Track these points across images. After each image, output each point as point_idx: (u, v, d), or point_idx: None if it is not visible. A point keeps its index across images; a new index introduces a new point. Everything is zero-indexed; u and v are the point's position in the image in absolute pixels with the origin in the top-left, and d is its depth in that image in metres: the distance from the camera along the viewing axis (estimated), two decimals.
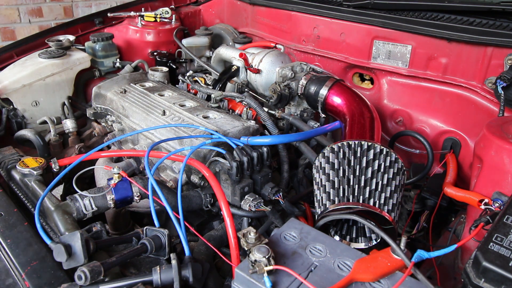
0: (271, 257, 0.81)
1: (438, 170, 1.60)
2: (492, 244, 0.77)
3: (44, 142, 1.65)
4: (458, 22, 1.56)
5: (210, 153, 1.30)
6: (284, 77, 1.60)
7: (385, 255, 0.85)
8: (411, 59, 1.66)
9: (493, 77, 1.44)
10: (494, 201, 1.07)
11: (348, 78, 1.90)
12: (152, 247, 0.98)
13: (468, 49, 1.51)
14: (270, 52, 1.73)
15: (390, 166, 1.14)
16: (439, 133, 1.66)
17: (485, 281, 0.73)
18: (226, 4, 2.44)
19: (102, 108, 1.71)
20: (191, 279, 0.88)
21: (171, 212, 1.02)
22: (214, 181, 1.10)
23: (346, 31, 1.82)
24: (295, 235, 0.92)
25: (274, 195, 1.23)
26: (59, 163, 1.31)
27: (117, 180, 1.14)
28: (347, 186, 1.09)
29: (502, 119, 1.27)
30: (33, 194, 1.23)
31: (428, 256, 0.82)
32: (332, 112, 1.57)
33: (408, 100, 1.73)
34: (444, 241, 1.35)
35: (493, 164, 1.12)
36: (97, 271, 0.85)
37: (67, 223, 1.05)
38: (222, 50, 1.94)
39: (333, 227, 1.15)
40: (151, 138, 1.50)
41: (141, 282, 0.88)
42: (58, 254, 0.90)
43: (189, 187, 1.39)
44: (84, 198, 1.12)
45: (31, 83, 1.86)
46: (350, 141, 1.18)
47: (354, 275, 0.82)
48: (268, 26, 2.17)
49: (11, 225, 1.07)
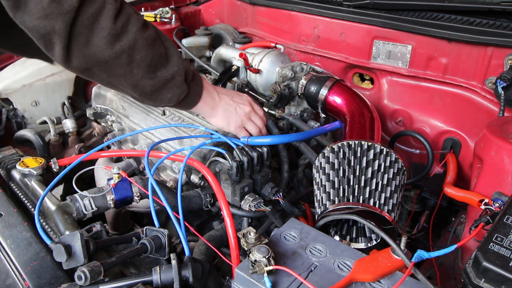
0: (271, 257, 0.81)
1: (438, 170, 1.60)
2: (492, 244, 0.77)
3: (44, 142, 1.65)
4: (458, 22, 1.56)
5: (210, 153, 1.30)
6: (284, 77, 1.60)
7: (385, 255, 0.85)
8: (411, 59, 1.65)
9: (493, 77, 1.44)
10: (494, 201, 1.07)
11: (348, 78, 1.90)
12: (152, 247, 0.98)
13: (468, 49, 1.51)
14: (270, 52, 1.73)
15: (390, 166, 1.14)
16: (439, 133, 1.66)
17: (485, 281, 0.73)
18: (226, 4, 2.44)
19: (102, 108, 1.71)
20: (191, 279, 0.88)
21: (171, 212, 1.02)
22: (214, 181, 1.10)
23: (346, 31, 1.82)
24: (295, 235, 0.92)
25: (274, 195, 1.23)
26: (59, 163, 1.31)
27: (117, 180, 1.14)
28: (347, 186, 1.09)
29: (502, 119, 1.27)
30: (33, 194, 1.23)
31: (428, 256, 0.82)
32: (332, 112, 1.57)
33: (408, 100, 1.73)
34: (444, 241, 1.35)
35: (493, 164, 1.12)
36: (97, 271, 0.85)
37: (67, 223, 1.05)
38: (222, 50, 1.94)
39: (333, 227, 1.15)
40: (151, 138, 1.50)
41: (141, 282, 0.88)
42: (58, 254, 0.90)
43: (189, 187, 1.39)
44: (84, 198, 1.12)
45: (31, 83, 1.86)
46: (350, 141, 1.18)
47: (354, 275, 0.82)
48: (268, 26, 2.17)
49: (11, 225, 1.07)
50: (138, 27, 0.94)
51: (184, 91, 1.10)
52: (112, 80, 0.97)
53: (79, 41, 0.87)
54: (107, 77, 0.96)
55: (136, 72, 0.97)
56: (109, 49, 0.89)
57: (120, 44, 0.91)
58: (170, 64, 1.03)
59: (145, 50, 0.96)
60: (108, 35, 0.88)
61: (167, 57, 1.02)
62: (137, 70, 0.96)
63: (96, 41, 0.88)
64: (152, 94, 1.04)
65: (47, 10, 0.81)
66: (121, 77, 0.97)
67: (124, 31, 0.91)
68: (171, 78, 1.04)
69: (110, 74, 0.95)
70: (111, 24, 0.88)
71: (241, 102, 1.32)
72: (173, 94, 1.07)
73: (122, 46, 0.91)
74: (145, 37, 0.95)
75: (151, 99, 1.06)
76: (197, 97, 1.18)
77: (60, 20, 0.82)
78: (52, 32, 0.83)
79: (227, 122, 1.28)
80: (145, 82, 1.00)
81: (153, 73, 1.00)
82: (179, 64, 1.05)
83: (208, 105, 1.22)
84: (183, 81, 1.08)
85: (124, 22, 0.90)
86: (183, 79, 1.08)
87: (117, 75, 0.96)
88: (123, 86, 1.00)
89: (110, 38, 0.89)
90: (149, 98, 1.06)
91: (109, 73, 0.95)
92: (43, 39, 0.85)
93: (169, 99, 1.08)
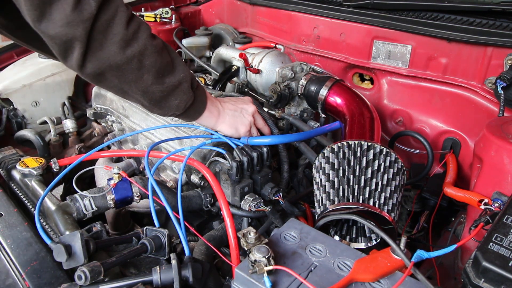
0: (271, 257, 0.81)
1: (438, 170, 1.60)
2: (492, 244, 0.77)
3: (44, 142, 1.65)
4: (458, 22, 1.56)
5: (210, 153, 1.30)
6: (284, 77, 1.60)
7: (385, 255, 0.85)
8: (411, 59, 1.66)
9: (493, 77, 1.44)
10: (494, 201, 1.07)
11: (348, 78, 1.90)
12: (152, 247, 0.98)
13: (468, 49, 1.51)
14: (270, 52, 1.73)
15: (390, 166, 1.14)
16: (439, 133, 1.66)
17: (484, 281, 0.74)
18: (226, 4, 2.44)
19: (102, 108, 1.71)
20: (191, 279, 0.88)
21: (171, 212, 1.02)
22: (214, 181, 1.11)
23: (346, 31, 1.82)
24: (295, 235, 0.93)
25: (274, 195, 1.23)
26: (59, 163, 1.31)
27: (117, 180, 1.15)
28: (347, 186, 1.09)
29: (502, 119, 1.27)
30: (33, 194, 1.23)
31: (428, 256, 0.82)
32: (332, 112, 1.57)
33: (408, 100, 1.73)
34: (444, 241, 1.35)
35: (493, 164, 1.12)
36: (97, 271, 0.85)
37: (67, 223, 1.05)
38: (222, 50, 1.94)
39: (333, 227, 1.15)
40: (151, 138, 1.50)
41: (141, 282, 0.88)
42: (58, 254, 0.90)
43: (189, 187, 1.39)
44: (84, 198, 1.13)
45: (31, 83, 1.86)
46: (350, 141, 1.19)
47: (354, 275, 0.82)
48: (268, 26, 2.17)
49: (11, 225, 1.07)
50: (147, 34, 0.98)
51: (191, 98, 1.12)
52: (123, 86, 1.01)
53: (95, 46, 0.91)
54: (119, 83, 1.00)
55: (146, 77, 1.01)
56: (121, 53, 0.93)
57: (131, 49, 0.95)
58: (177, 71, 1.07)
59: (154, 56, 1.00)
60: (121, 40, 0.92)
61: (173, 65, 1.07)
62: (147, 75, 1.00)
63: (110, 46, 0.92)
64: (161, 101, 1.08)
65: (69, 18, 0.85)
66: (132, 83, 1.01)
67: (135, 37, 0.95)
68: (178, 84, 1.07)
69: (121, 80, 0.99)
70: (123, 30, 0.92)
71: (244, 104, 1.33)
72: (180, 100, 1.10)
73: (133, 51, 0.95)
74: (154, 44, 1.00)
75: (159, 106, 1.10)
76: (203, 105, 1.20)
77: (81, 27, 0.87)
78: (74, 39, 0.88)
79: (236, 128, 1.28)
80: (154, 88, 1.04)
81: (161, 79, 1.04)
82: (185, 71, 1.10)
83: (213, 114, 1.24)
84: (189, 88, 1.11)
85: (135, 28, 0.95)
86: (189, 86, 1.11)
87: (128, 81, 1.00)
88: (133, 92, 1.03)
89: (123, 43, 0.93)
90: (158, 106, 1.09)
91: (120, 79, 0.99)
92: (64, 46, 0.89)
93: (177, 106, 1.11)
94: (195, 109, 1.18)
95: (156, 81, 1.03)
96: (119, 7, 0.92)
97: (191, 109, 1.16)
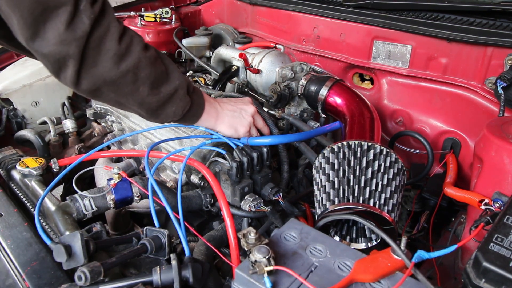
0: (271, 258, 0.81)
1: (438, 170, 1.60)
2: (492, 244, 0.77)
3: (44, 142, 1.65)
4: (458, 22, 1.56)
5: (210, 153, 1.30)
6: (284, 77, 1.60)
7: (385, 255, 0.85)
8: (411, 59, 1.66)
9: (493, 77, 1.44)
10: (494, 201, 1.07)
11: (348, 78, 1.90)
12: (152, 248, 0.98)
13: (468, 49, 1.51)
14: (270, 52, 1.73)
15: (390, 167, 1.14)
16: (439, 133, 1.66)
17: (485, 281, 0.73)
18: (226, 4, 2.44)
19: (102, 108, 1.71)
20: (191, 280, 0.88)
21: (171, 212, 1.02)
22: (214, 181, 1.10)
23: (346, 31, 1.82)
24: (295, 236, 0.92)
25: (274, 195, 1.23)
26: (59, 163, 1.31)
27: (117, 180, 1.15)
28: (347, 186, 1.09)
29: (502, 119, 1.27)
30: (33, 194, 1.23)
31: (428, 256, 0.82)
32: (332, 112, 1.57)
33: (408, 100, 1.73)
34: (444, 242, 1.35)
35: (493, 164, 1.12)
36: (97, 272, 0.85)
37: (67, 223, 1.05)
38: (222, 50, 1.94)
39: (333, 227, 1.15)
40: (151, 138, 1.50)
41: (141, 283, 0.88)
42: (58, 255, 0.90)
43: (189, 187, 1.39)
44: (84, 198, 1.12)
45: (31, 83, 1.86)
46: (350, 142, 1.18)
47: (354, 275, 0.82)
48: (268, 26, 2.17)
49: (11, 225, 1.07)
50: (141, 47, 0.99)
51: (188, 103, 1.13)
52: (120, 99, 1.02)
53: (89, 63, 0.91)
54: (116, 97, 1.01)
55: (142, 90, 1.01)
56: (115, 69, 0.94)
57: (125, 64, 0.95)
58: (172, 80, 1.08)
59: (149, 68, 1.00)
60: (114, 55, 0.93)
61: (168, 74, 1.07)
62: (142, 87, 1.01)
63: (103, 62, 0.92)
64: (158, 110, 1.09)
65: (63, 36, 0.85)
66: (128, 96, 1.01)
67: (128, 52, 0.96)
68: (174, 92, 1.08)
69: (118, 94, 1.00)
70: (116, 45, 0.93)
71: (244, 104, 1.33)
72: (177, 107, 1.11)
73: (128, 65, 0.96)
74: (147, 56, 1.00)
75: (157, 115, 1.10)
76: (200, 108, 1.21)
77: (74, 45, 0.87)
78: (67, 57, 0.88)
79: (235, 128, 1.28)
80: (151, 99, 1.05)
81: (157, 89, 1.05)
82: (180, 78, 1.10)
83: (212, 116, 1.24)
84: (186, 94, 1.12)
85: (128, 43, 0.95)
86: (185, 92, 1.12)
87: (124, 94, 1.00)
88: (130, 104, 1.04)
89: (116, 58, 0.93)
90: (155, 115, 1.10)
91: (116, 93, 0.99)
92: (58, 64, 0.90)
93: (174, 113, 1.11)
94: (193, 113, 1.19)
95: (152, 92, 1.03)
96: (111, 23, 0.92)
97: (189, 113, 1.16)
